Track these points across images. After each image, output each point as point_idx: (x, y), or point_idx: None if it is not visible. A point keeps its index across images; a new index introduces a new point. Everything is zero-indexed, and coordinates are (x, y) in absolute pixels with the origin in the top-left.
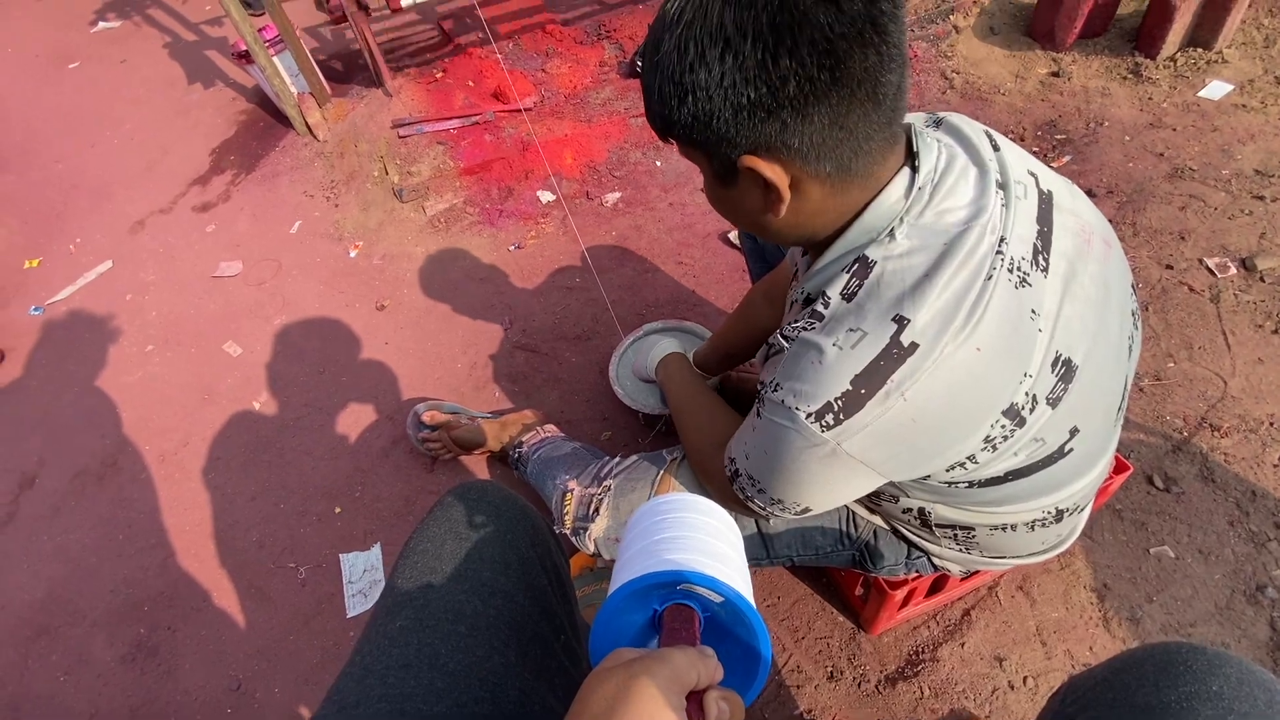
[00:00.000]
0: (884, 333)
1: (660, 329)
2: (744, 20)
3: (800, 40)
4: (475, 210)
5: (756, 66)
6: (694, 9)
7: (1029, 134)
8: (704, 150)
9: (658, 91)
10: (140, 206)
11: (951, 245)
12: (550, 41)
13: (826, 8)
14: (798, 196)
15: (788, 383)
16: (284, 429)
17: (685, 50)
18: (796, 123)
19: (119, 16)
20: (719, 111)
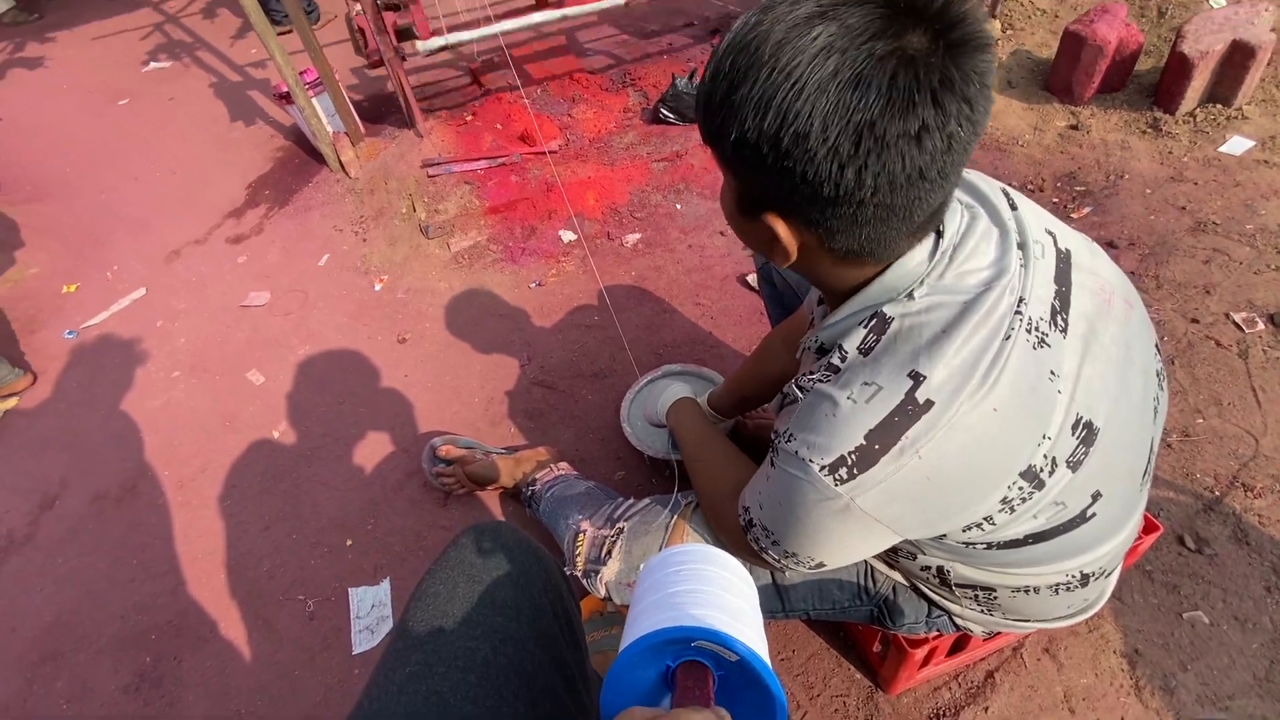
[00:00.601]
0: (899, 388)
1: (676, 372)
2: (830, 111)
3: (871, 162)
4: (498, 248)
5: (816, 160)
6: (791, 61)
7: (1048, 185)
8: (732, 176)
9: (718, 112)
10: (177, 236)
11: (971, 304)
12: (577, 88)
13: (910, 144)
14: (808, 258)
15: (801, 434)
16: (301, 458)
17: (760, 102)
18: (830, 216)
19: (170, 57)
20: (765, 168)
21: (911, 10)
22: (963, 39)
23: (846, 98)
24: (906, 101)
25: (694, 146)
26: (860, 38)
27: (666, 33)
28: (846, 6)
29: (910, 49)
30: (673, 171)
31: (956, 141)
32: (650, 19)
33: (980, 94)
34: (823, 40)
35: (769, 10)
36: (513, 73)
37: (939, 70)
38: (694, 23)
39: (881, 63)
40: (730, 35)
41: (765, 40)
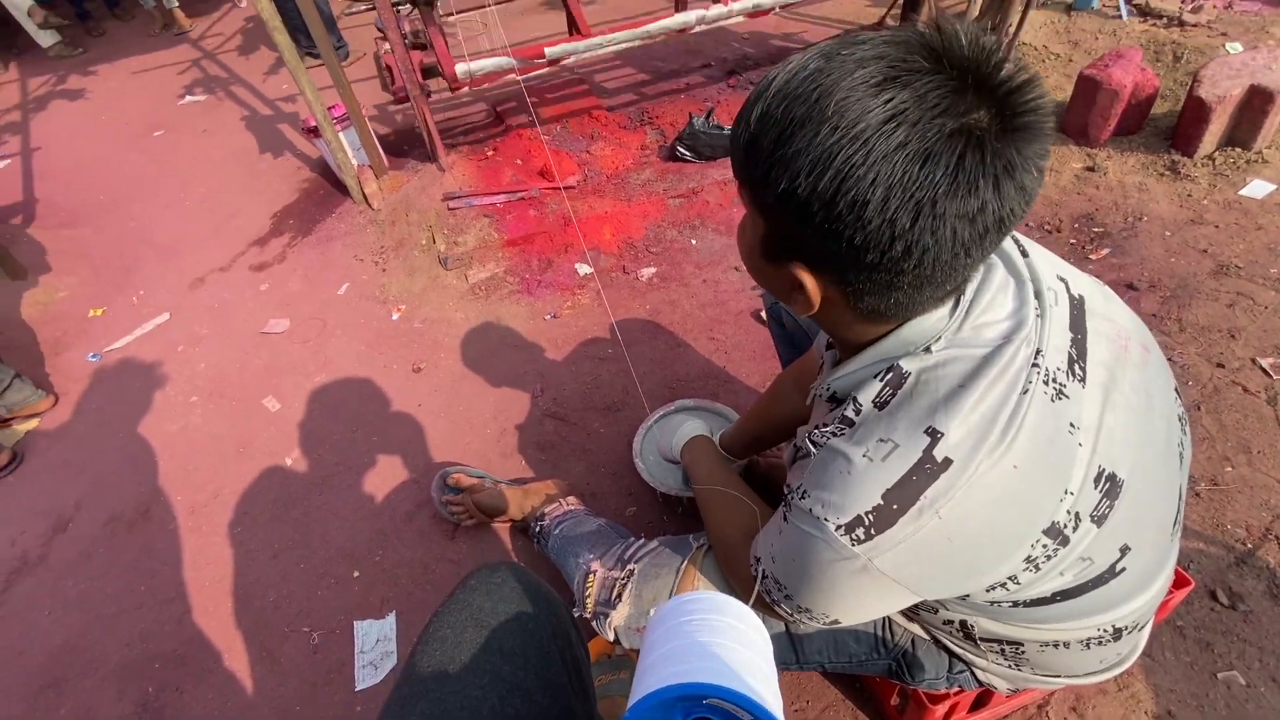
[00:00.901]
0: (916, 446)
1: (689, 407)
2: (895, 183)
3: (924, 236)
4: (515, 280)
5: (869, 228)
6: (856, 124)
7: (1066, 226)
8: (764, 220)
9: (766, 160)
10: (203, 263)
11: (988, 358)
12: (596, 125)
13: (964, 223)
14: (828, 310)
15: (815, 491)
16: (313, 486)
17: (818, 160)
18: (864, 278)
19: (205, 91)
20: (809, 224)
21: (982, 85)
22: (1028, 124)
23: (913, 172)
24: (971, 184)
25: (710, 184)
26: (932, 110)
27: (684, 73)
28: (918, 73)
29: (977, 127)
30: (688, 208)
31: (1007, 224)
32: (668, 59)
33: (1037, 182)
34: (893, 107)
35: (830, 59)
36: (532, 110)
37: (1004, 156)
38: (711, 63)
39: (950, 140)
40: (783, 78)
41: (828, 94)
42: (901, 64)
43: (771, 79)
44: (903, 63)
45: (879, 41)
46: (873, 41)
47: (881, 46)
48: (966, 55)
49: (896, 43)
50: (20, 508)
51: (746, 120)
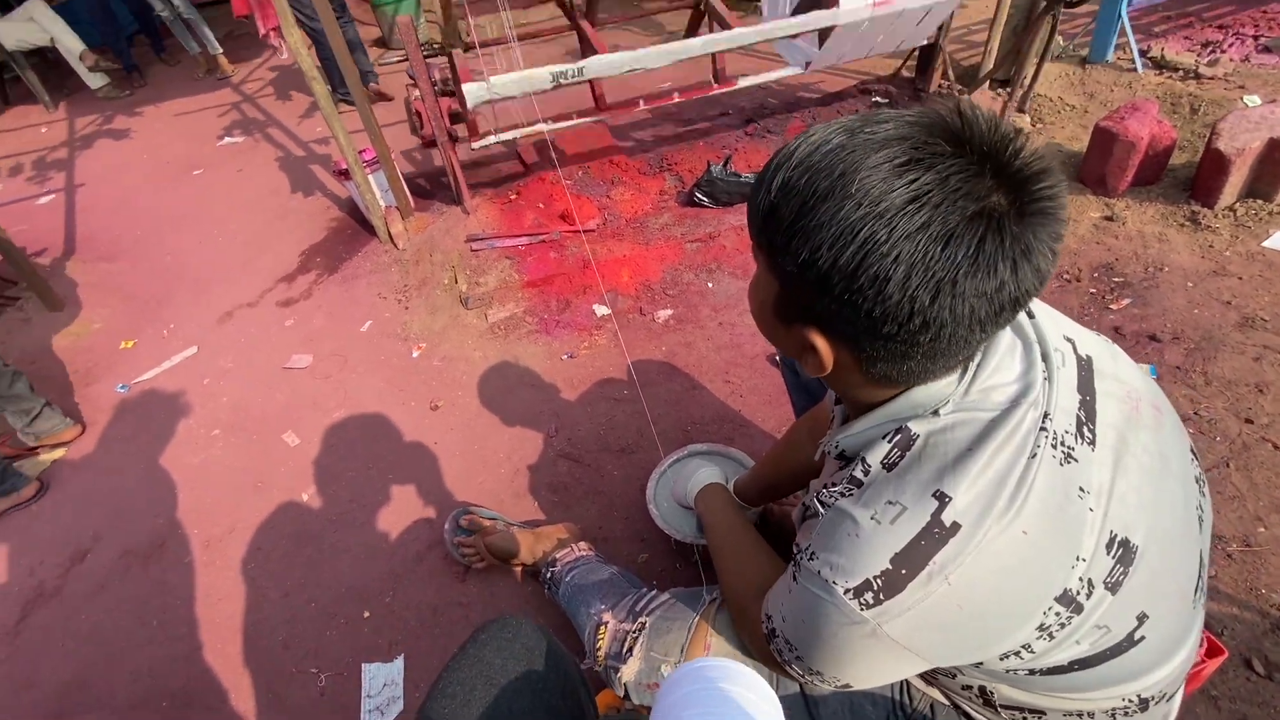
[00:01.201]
0: (924, 510)
1: (703, 452)
2: (916, 261)
3: (942, 312)
4: (534, 320)
5: (889, 303)
6: (880, 202)
7: (1085, 275)
8: (779, 283)
9: (787, 229)
10: (232, 298)
11: (996, 421)
12: (616, 171)
13: (982, 301)
14: (839, 372)
15: (823, 553)
16: (327, 524)
17: (841, 235)
18: (879, 347)
19: (243, 133)
20: (829, 294)
21: (1001, 170)
22: (1043, 209)
23: (935, 252)
24: (990, 265)
25: (726, 229)
26: (954, 194)
27: (702, 121)
28: (941, 157)
29: (996, 210)
30: (705, 252)
31: (1022, 302)
32: (687, 108)
33: (1051, 263)
34: (917, 188)
35: (854, 135)
36: (555, 158)
37: (1022, 240)
38: (729, 112)
39: (971, 223)
40: (805, 150)
41: (852, 171)
42: (924, 146)
43: (793, 150)
44: (925, 145)
45: (901, 122)
46: (895, 121)
47: (904, 127)
48: (986, 141)
49: (919, 124)
50: (41, 537)
51: (767, 187)
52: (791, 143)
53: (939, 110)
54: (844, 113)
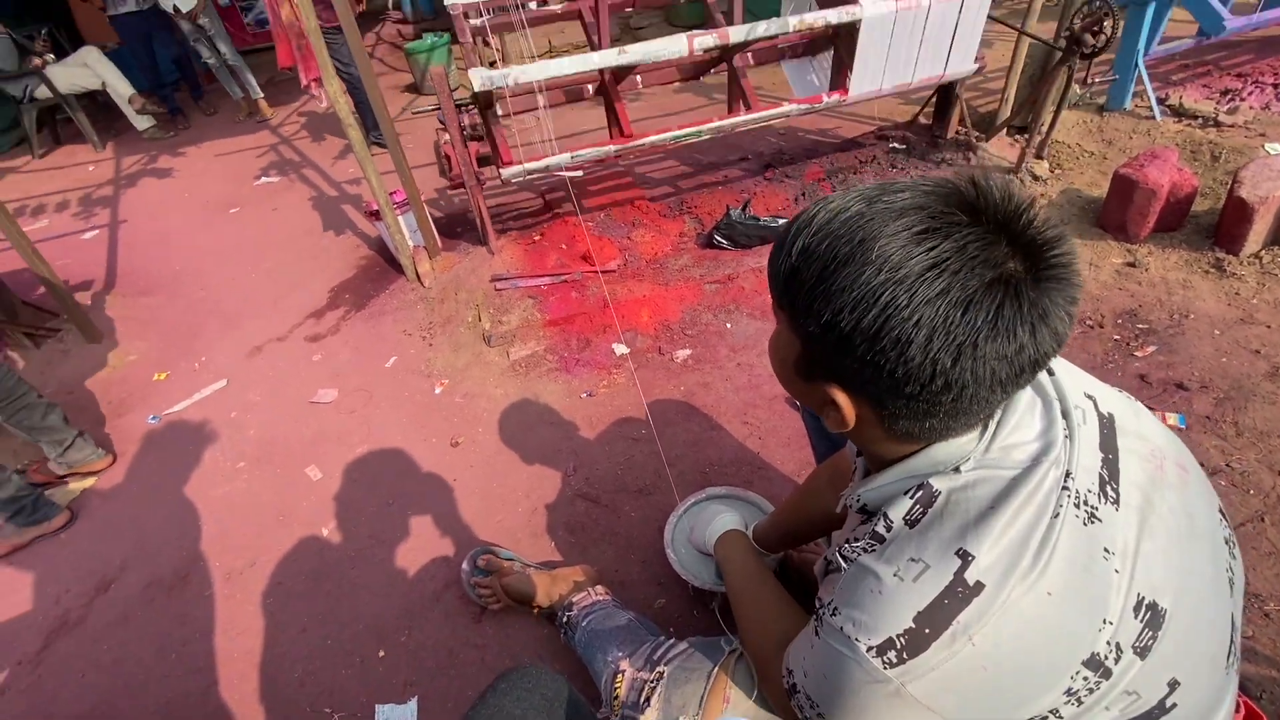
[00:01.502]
0: (947, 568)
1: (721, 495)
2: (937, 326)
3: (963, 374)
4: (554, 358)
5: (911, 365)
6: (900, 268)
7: (1108, 321)
8: (801, 341)
9: (808, 292)
10: (262, 333)
11: (1017, 480)
12: (637, 214)
13: (1002, 363)
14: (860, 428)
15: (846, 609)
16: (346, 559)
17: (862, 299)
18: (901, 405)
19: (279, 173)
20: (851, 355)
21: (1016, 238)
22: (1058, 275)
23: (954, 316)
24: (1010, 329)
25: (745, 271)
26: (971, 261)
27: (722, 165)
28: (957, 225)
29: (1013, 276)
30: (724, 293)
31: (1042, 364)
32: (707, 152)
33: (1068, 326)
34: (935, 256)
35: (872, 204)
36: (578, 200)
37: (1039, 305)
38: (748, 157)
39: (990, 289)
40: (825, 216)
41: (872, 238)
42: (941, 215)
43: (812, 215)
44: (942, 214)
45: (918, 191)
46: (911, 190)
47: (920, 196)
48: (1001, 210)
49: (935, 194)
50: (68, 565)
51: (788, 251)
52: (810, 209)
53: (953, 180)
54: (861, 159)
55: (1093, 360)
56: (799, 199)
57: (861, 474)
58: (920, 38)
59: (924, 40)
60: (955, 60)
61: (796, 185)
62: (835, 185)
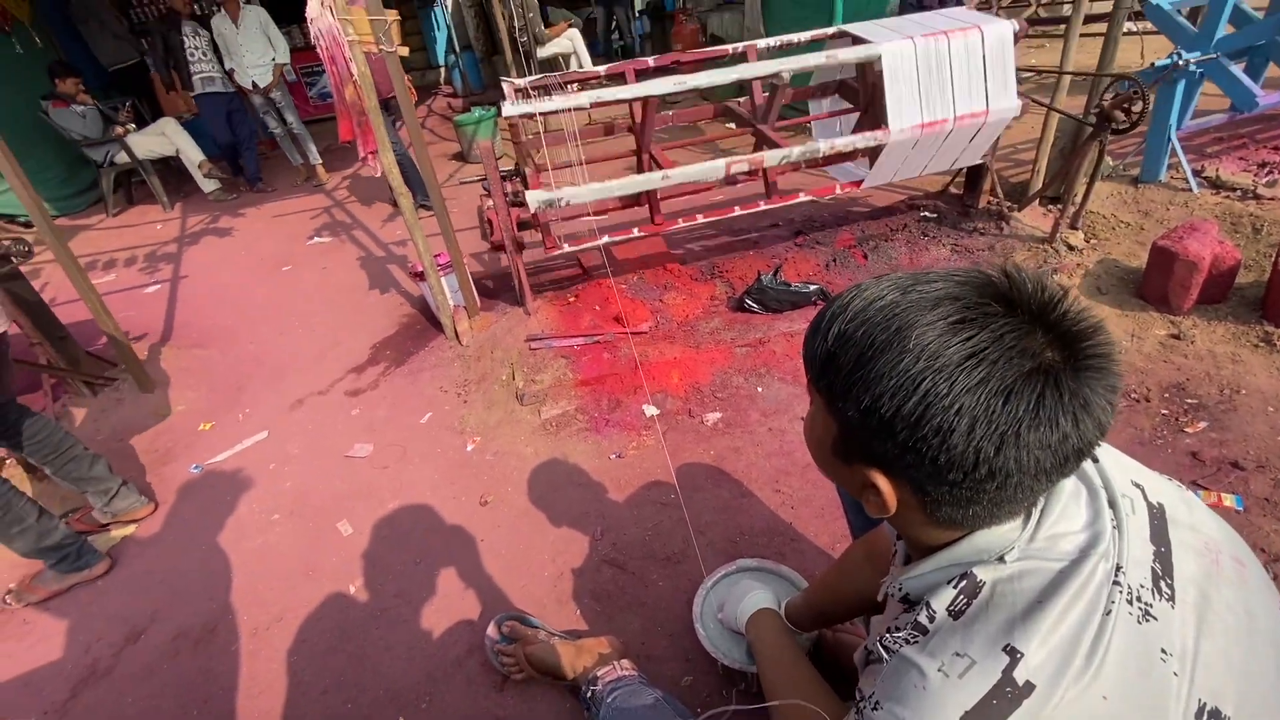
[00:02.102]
0: (995, 665)
1: (753, 568)
2: (979, 415)
3: (1007, 463)
4: (585, 418)
5: (954, 452)
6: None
7: (1155, 395)
8: (839, 424)
9: (846, 378)
10: (305, 386)
11: (1066, 572)
12: (669, 277)
13: (1046, 452)
14: (903, 510)
15: (889, 704)
16: (371, 618)
17: (901, 387)
18: (944, 492)
19: (330, 234)
20: (893, 441)
21: (1051, 328)
22: (1097, 365)
23: (995, 406)
24: (1051, 419)
25: (776, 335)
26: (1009, 351)
27: (753, 231)
28: (993, 316)
29: (1051, 366)
30: (755, 356)
31: (1086, 452)
32: (738, 219)
33: (1110, 415)
34: (973, 345)
35: (906, 293)
36: (613, 264)
37: (1080, 395)
38: (779, 224)
39: (1029, 379)
40: (860, 304)
41: (908, 327)
42: (976, 306)
43: (847, 302)
44: (977, 305)
45: (951, 281)
46: (944, 280)
47: (954, 287)
48: (1035, 301)
49: (968, 284)
50: (101, 614)
51: (823, 335)
52: (844, 295)
53: (986, 271)
54: (893, 227)
55: (1140, 435)
56: (830, 265)
57: (902, 559)
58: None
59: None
60: (968, 156)
61: (827, 251)
62: (867, 253)
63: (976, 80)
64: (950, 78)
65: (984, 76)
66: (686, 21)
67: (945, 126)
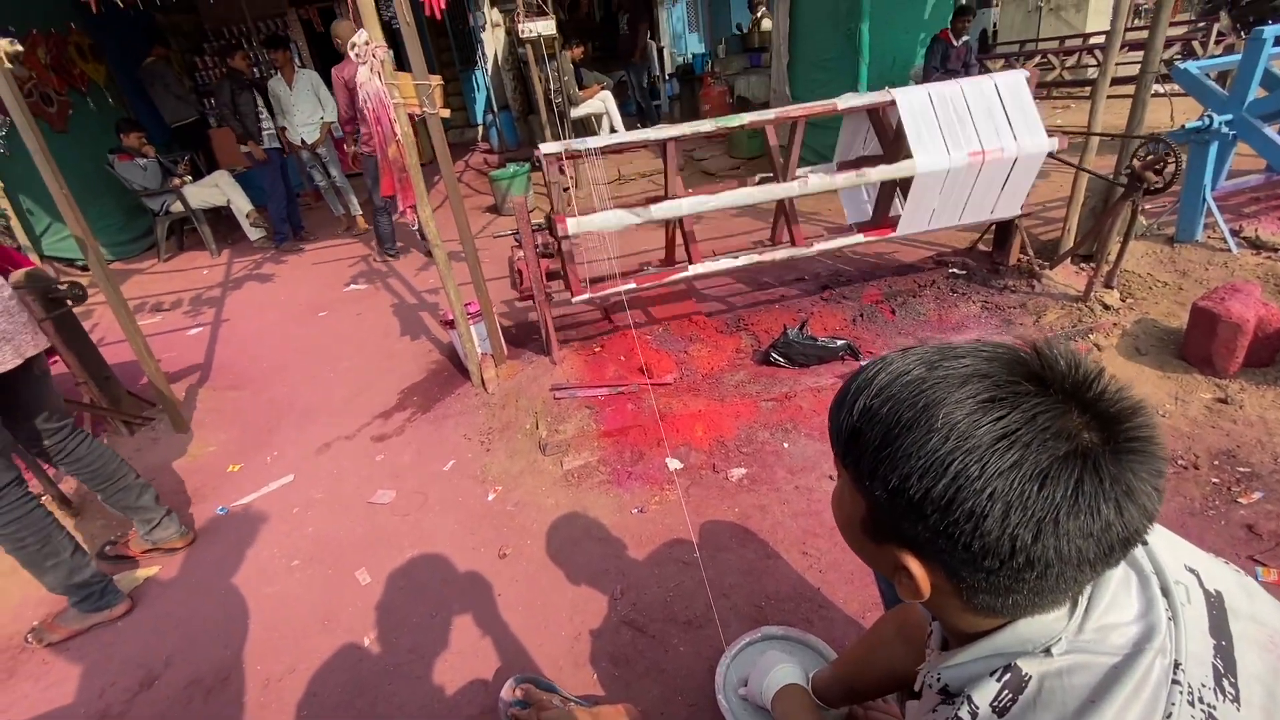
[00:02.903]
0: None
1: (778, 636)
2: (1013, 501)
3: (1046, 552)
4: (607, 470)
5: (988, 539)
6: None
7: (1204, 462)
8: (868, 503)
9: (873, 455)
10: (332, 430)
11: (1120, 669)
12: (695, 329)
13: (1088, 540)
14: (938, 595)
15: None
16: (384, 673)
17: (931, 467)
18: (980, 579)
19: (366, 282)
20: (923, 523)
21: (1087, 407)
22: (1139, 449)
23: (1030, 491)
24: (1092, 506)
25: (803, 390)
26: (1043, 433)
27: (779, 285)
28: (1024, 395)
29: (1088, 449)
30: (781, 411)
31: (1133, 541)
32: (765, 272)
33: (1158, 502)
34: (1004, 426)
35: (933, 369)
36: (638, 315)
37: (1123, 481)
38: (805, 278)
39: (1066, 463)
40: (886, 378)
41: (936, 404)
42: (1006, 385)
43: (872, 376)
44: (1007, 384)
45: (979, 358)
46: (972, 356)
47: (983, 364)
48: (1068, 380)
49: (997, 361)
50: (118, 656)
51: (849, 409)
52: (869, 367)
53: (1015, 347)
54: (920, 283)
55: (1190, 505)
56: (857, 320)
57: (938, 642)
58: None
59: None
60: (1005, 205)
61: (854, 306)
62: (895, 308)
63: (998, 117)
64: (969, 114)
65: (1005, 115)
66: (715, 84)
67: (975, 159)
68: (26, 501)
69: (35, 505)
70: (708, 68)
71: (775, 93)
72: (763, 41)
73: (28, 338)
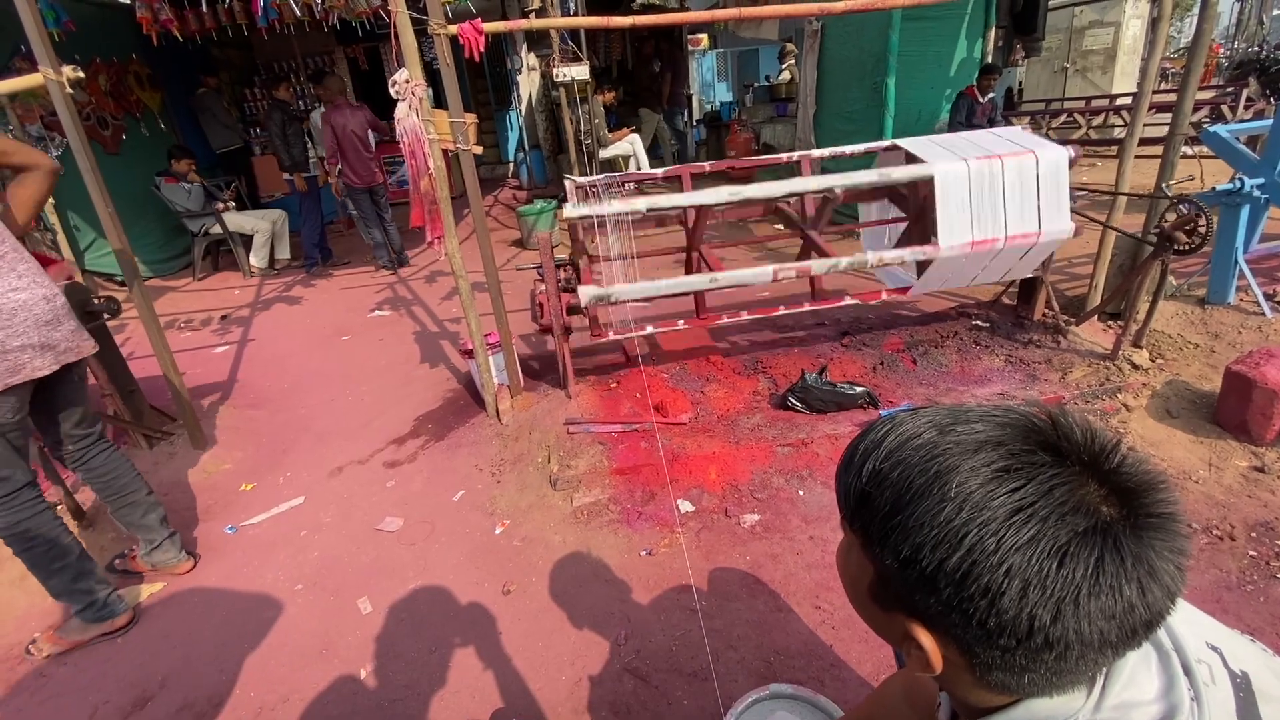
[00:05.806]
0: None
1: (787, 695)
2: (1031, 578)
3: (1065, 633)
4: (617, 509)
5: (1005, 617)
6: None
7: (1240, 534)
8: (876, 570)
9: (882, 522)
10: (346, 454)
11: None
12: (712, 369)
13: (1110, 622)
14: (949, 669)
15: None
16: (379, 708)
17: (943, 538)
18: (994, 656)
19: (390, 308)
20: (936, 596)
21: (1105, 480)
22: (1161, 525)
23: (1049, 569)
24: (1114, 587)
25: (820, 436)
26: (1060, 507)
27: (798, 329)
28: (1040, 466)
29: (1108, 526)
30: (797, 457)
31: (1157, 623)
32: (785, 316)
33: (1181, 581)
34: (1020, 499)
35: (945, 434)
36: (657, 353)
37: (1145, 560)
38: (825, 323)
39: (1085, 539)
40: (895, 441)
41: (948, 471)
42: (1021, 455)
43: (880, 438)
44: (1022, 454)
45: (992, 424)
46: (985, 422)
47: (996, 430)
48: (1086, 451)
49: (1011, 427)
50: (113, 673)
51: (857, 471)
52: (878, 428)
53: (1030, 415)
54: (943, 334)
55: (1226, 579)
56: (877, 368)
57: (947, 715)
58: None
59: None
60: (1019, 270)
61: (875, 354)
62: (916, 358)
63: (1029, 202)
64: (1003, 200)
65: (1037, 198)
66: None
67: (996, 245)
68: (38, 504)
69: (46, 509)
70: (734, 115)
71: (801, 141)
72: (789, 92)
73: (71, 344)
